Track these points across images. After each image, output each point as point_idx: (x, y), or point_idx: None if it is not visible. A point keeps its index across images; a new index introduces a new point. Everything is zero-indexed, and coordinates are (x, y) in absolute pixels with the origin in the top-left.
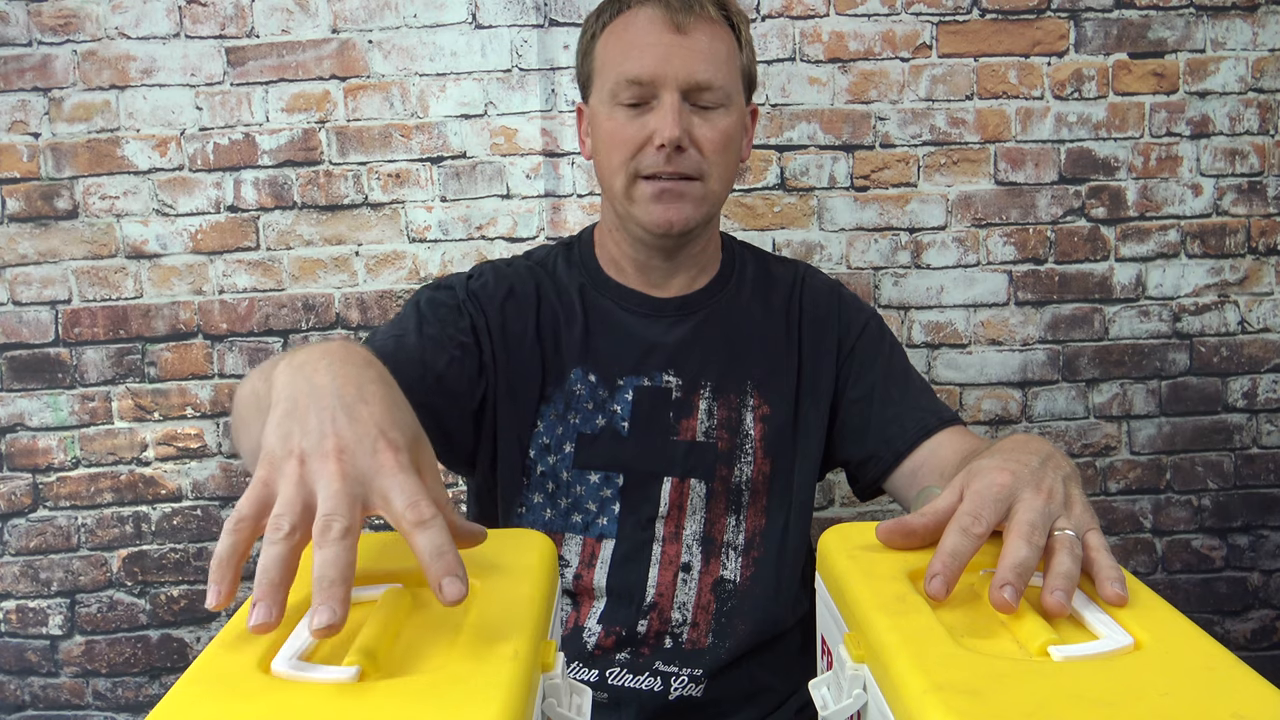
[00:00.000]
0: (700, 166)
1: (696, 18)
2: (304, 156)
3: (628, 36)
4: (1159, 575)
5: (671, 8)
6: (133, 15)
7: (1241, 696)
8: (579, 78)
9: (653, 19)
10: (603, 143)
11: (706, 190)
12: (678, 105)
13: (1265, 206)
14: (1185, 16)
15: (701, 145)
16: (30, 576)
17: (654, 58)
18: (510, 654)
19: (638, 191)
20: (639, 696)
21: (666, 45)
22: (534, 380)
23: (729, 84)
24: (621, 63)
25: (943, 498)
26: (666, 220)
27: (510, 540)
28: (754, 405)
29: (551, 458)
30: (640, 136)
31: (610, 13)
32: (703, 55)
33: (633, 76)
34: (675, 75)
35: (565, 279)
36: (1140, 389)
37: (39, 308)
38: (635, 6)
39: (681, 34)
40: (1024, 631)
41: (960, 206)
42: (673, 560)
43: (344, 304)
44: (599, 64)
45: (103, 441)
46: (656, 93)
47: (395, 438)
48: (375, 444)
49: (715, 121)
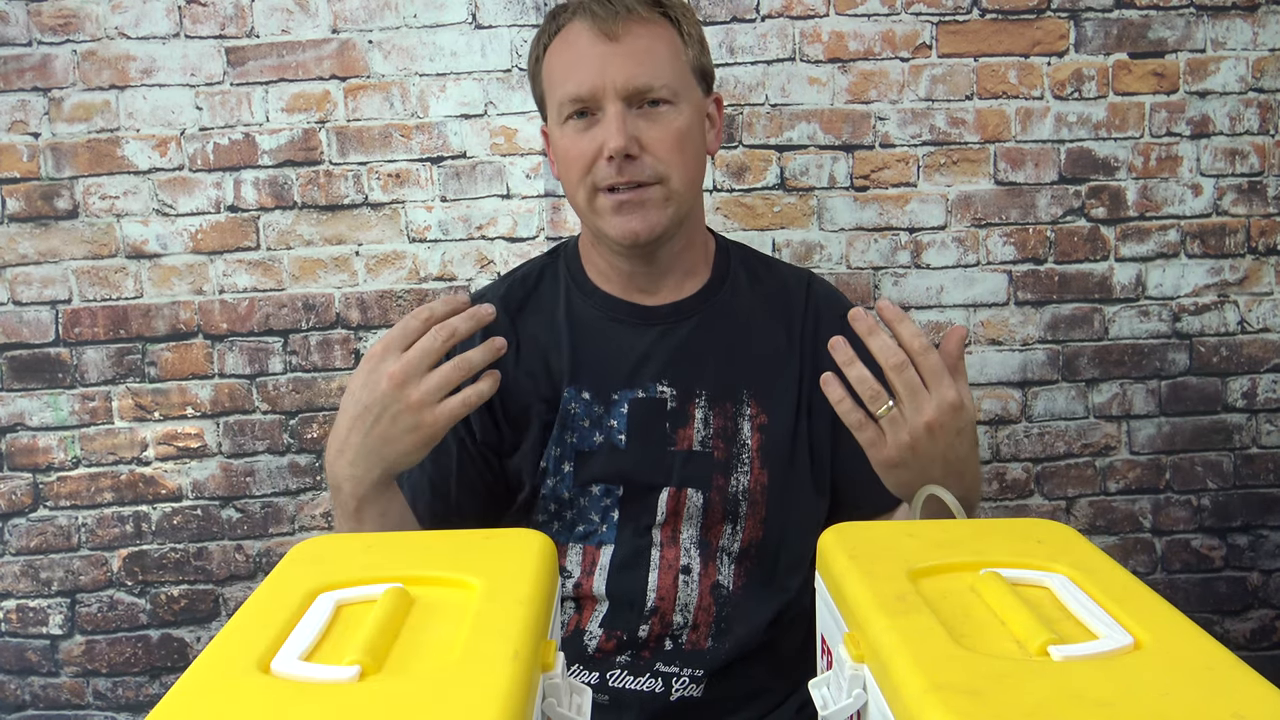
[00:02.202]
0: (656, 170)
1: (626, 21)
2: (304, 156)
3: (565, 55)
4: (1159, 575)
5: (599, 17)
6: (133, 15)
7: (1241, 696)
8: (535, 102)
9: (584, 32)
10: (561, 162)
11: (668, 191)
12: (621, 114)
13: (1265, 206)
14: (1185, 16)
15: (653, 148)
16: (30, 576)
17: (589, 71)
18: (510, 654)
19: (599, 205)
20: (640, 698)
21: (600, 56)
22: (535, 417)
23: (674, 81)
24: (563, 83)
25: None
26: (632, 231)
27: (510, 540)
28: (751, 414)
29: (552, 479)
30: (591, 150)
31: (549, 33)
32: (638, 58)
33: (573, 94)
34: (613, 84)
35: (549, 295)
36: (1140, 389)
37: (39, 308)
38: (569, 23)
39: (614, 41)
40: (1024, 631)
41: (960, 206)
42: (672, 564)
43: (344, 304)
44: (546, 86)
45: (103, 441)
46: (600, 105)
47: None
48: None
49: (666, 122)
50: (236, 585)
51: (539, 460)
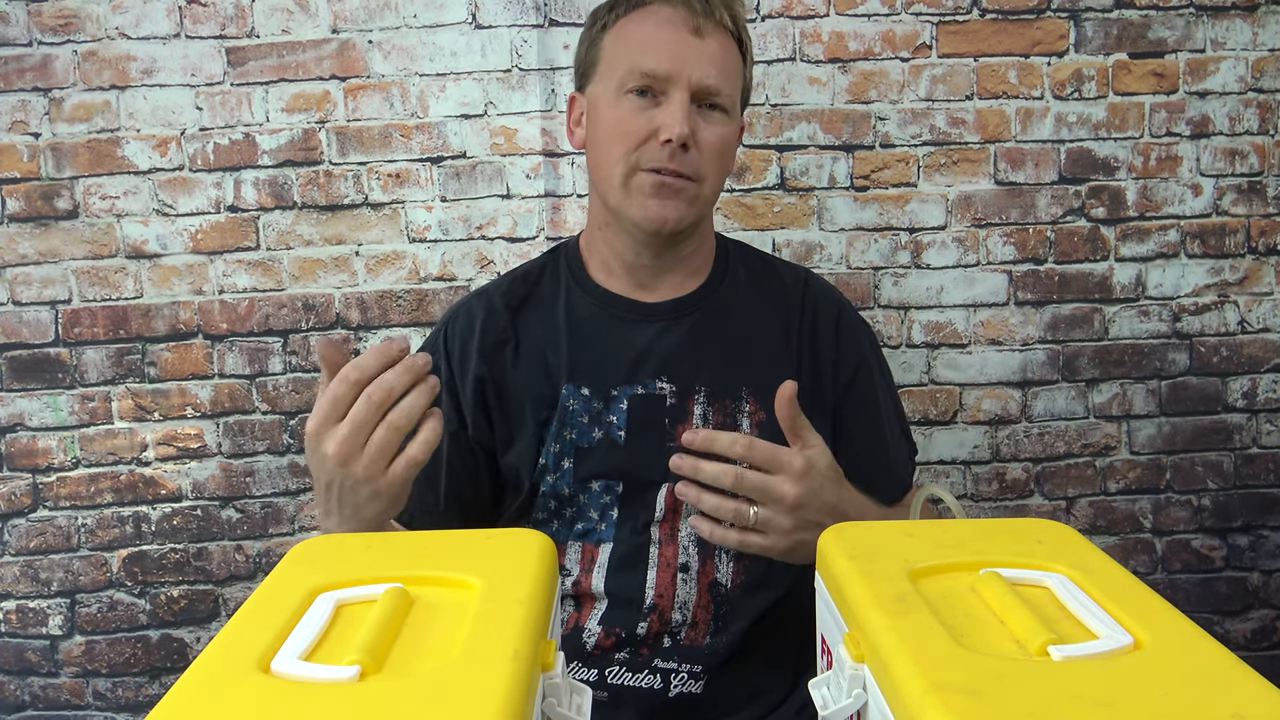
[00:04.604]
0: (699, 168)
1: (714, 25)
2: (304, 156)
3: (644, 31)
4: (1159, 575)
5: (693, 10)
6: (133, 15)
7: (1241, 696)
8: (579, 66)
9: (672, 18)
10: (603, 132)
11: (700, 192)
12: (687, 104)
13: (1265, 206)
14: (1185, 16)
15: (703, 148)
16: (30, 576)
17: (671, 55)
18: (510, 654)
19: (635, 183)
20: (639, 695)
21: (684, 45)
22: (530, 414)
23: (733, 93)
24: (637, 54)
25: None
26: (661, 217)
27: (510, 540)
28: (750, 411)
29: (551, 476)
30: (646, 130)
31: (626, 6)
32: (716, 61)
33: (649, 70)
34: (689, 75)
35: (549, 292)
36: (1140, 389)
37: (39, 308)
38: (655, 3)
39: (699, 37)
40: (1024, 631)
41: (960, 206)
42: (670, 562)
43: (344, 304)
44: (608, 54)
45: (103, 441)
46: (667, 89)
47: None
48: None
49: (718, 128)
50: (236, 585)
51: (537, 457)
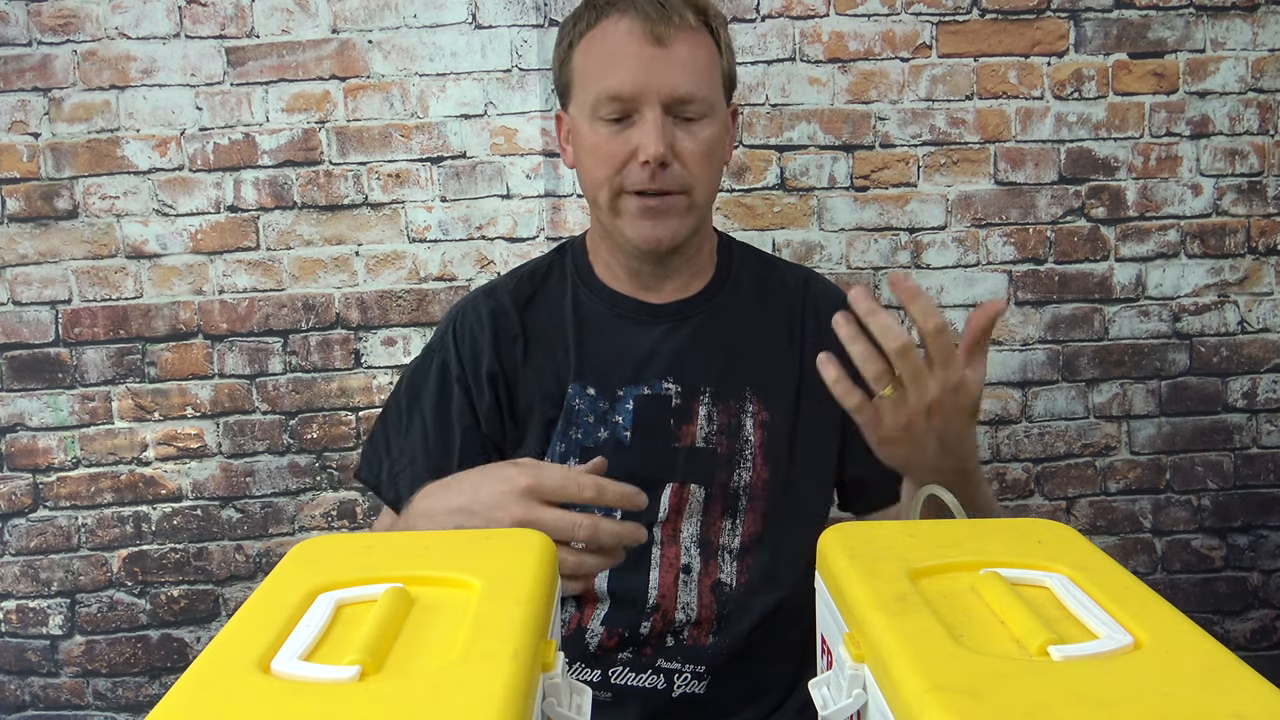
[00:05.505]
0: (684, 180)
1: (676, 28)
2: (304, 156)
3: (606, 49)
4: (1159, 575)
5: (650, 19)
6: (133, 15)
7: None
8: (557, 84)
9: (631, 31)
10: (586, 156)
11: (691, 202)
12: (661, 120)
13: (1265, 206)
14: (1185, 16)
15: (685, 159)
16: (30, 576)
17: (634, 72)
18: (510, 654)
19: (623, 207)
20: (642, 695)
21: (647, 59)
22: (538, 414)
23: (711, 93)
24: (601, 77)
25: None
26: (655, 238)
27: (510, 540)
28: (753, 411)
29: None
30: (624, 152)
31: (587, 20)
32: (684, 67)
33: (613, 92)
34: (657, 89)
35: (556, 291)
36: (1140, 389)
37: (39, 308)
38: (613, 15)
39: (661, 46)
40: (1024, 631)
41: (960, 206)
42: (673, 563)
43: (344, 304)
44: (578, 74)
45: (103, 441)
46: (638, 108)
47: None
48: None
49: (698, 133)
50: (236, 585)
51: (543, 456)
